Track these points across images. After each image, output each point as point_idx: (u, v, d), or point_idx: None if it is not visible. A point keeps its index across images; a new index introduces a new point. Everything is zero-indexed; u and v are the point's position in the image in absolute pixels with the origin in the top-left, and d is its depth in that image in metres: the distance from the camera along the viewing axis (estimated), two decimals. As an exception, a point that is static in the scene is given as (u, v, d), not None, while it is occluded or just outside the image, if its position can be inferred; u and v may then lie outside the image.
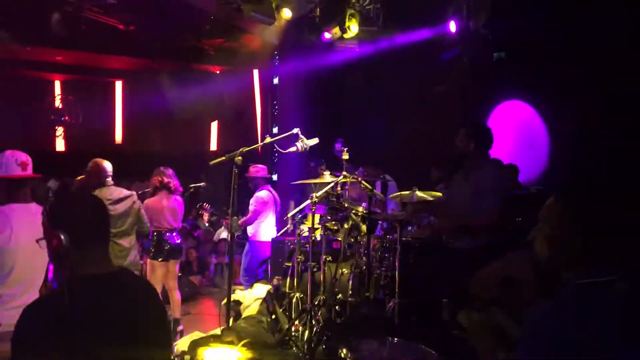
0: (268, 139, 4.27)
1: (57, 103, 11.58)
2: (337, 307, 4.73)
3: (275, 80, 9.37)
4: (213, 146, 12.26)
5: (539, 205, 1.81)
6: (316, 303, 4.61)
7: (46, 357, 1.64)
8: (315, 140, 4.57)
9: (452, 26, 6.88)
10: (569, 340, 1.49)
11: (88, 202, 1.93)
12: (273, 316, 4.99)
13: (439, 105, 6.96)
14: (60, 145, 11.83)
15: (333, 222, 4.91)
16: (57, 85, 11.71)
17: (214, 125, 12.18)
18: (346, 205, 4.76)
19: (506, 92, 6.56)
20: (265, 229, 6.41)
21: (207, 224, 9.35)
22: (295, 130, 4.52)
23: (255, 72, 10.87)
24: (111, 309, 1.78)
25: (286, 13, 7.16)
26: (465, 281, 4.34)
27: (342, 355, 3.23)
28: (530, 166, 6.07)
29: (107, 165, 5.10)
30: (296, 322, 4.62)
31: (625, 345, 1.47)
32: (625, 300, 1.52)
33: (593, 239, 1.62)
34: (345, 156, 4.70)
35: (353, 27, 6.87)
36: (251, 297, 5.42)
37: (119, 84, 12.02)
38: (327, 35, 7.07)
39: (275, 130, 9.07)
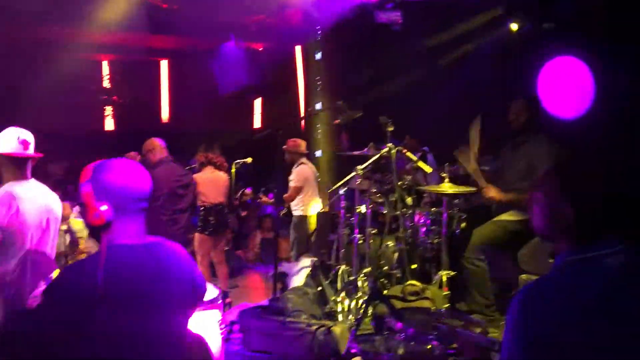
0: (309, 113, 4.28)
1: (106, 83, 11.83)
2: (382, 279, 4.75)
3: (318, 56, 9.31)
4: (257, 123, 12.32)
5: None
6: (362, 275, 4.63)
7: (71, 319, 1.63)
8: (358, 113, 4.57)
9: None
10: (553, 320, 1.40)
11: (134, 173, 1.87)
12: (319, 288, 5.04)
13: (482, 74, 6.78)
14: (109, 124, 12.12)
15: (378, 195, 4.90)
16: (105, 65, 11.95)
17: (258, 102, 12.22)
18: (391, 177, 4.74)
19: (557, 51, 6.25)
20: (309, 203, 6.43)
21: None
22: (339, 103, 4.53)
23: (298, 48, 10.82)
24: (147, 279, 1.76)
25: None
26: (513, 253, 4.29)
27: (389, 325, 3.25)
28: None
29: (163, 142, 5.22)
30: (342, 294, 4.65)
31: (608, 322, 1.38)
32: (616, 276, 1.43)
33: (586, 211, 1.49)
34: (390, 128, 4.65)
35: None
36: (297, 270, 5.48)
37: (164, 63, 12.18)
38: None
39: (318, 106, 9.03)
